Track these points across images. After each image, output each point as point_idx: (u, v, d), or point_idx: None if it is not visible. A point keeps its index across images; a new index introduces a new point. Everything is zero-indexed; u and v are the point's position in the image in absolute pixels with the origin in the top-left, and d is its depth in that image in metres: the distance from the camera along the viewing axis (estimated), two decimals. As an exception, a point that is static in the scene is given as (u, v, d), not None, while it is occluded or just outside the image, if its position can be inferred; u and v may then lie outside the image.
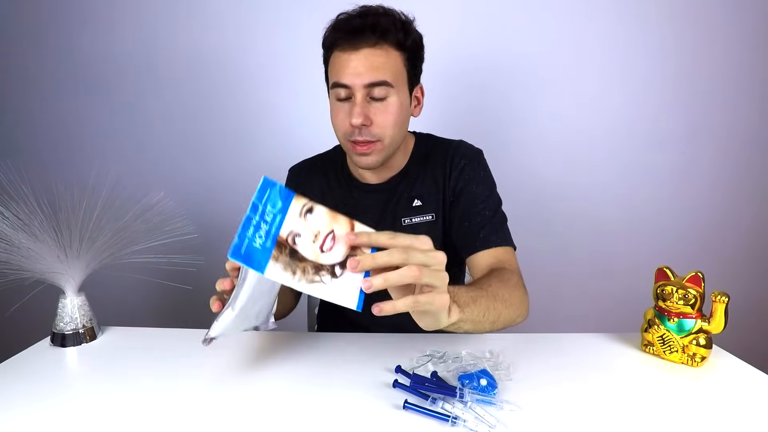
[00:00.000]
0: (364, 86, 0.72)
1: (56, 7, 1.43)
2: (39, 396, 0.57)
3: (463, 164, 0.83)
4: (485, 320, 0.61)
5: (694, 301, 0.63)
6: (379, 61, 0.72)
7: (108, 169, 0.87)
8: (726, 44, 1.43)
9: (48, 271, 0.70)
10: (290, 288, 0.46)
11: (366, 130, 0.73)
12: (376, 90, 0.72)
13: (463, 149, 0.86)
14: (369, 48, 0.72)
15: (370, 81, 0.71)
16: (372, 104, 0.74)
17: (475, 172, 0.83)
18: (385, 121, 0.74)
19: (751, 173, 1.51)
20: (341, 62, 0.73)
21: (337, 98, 0.75)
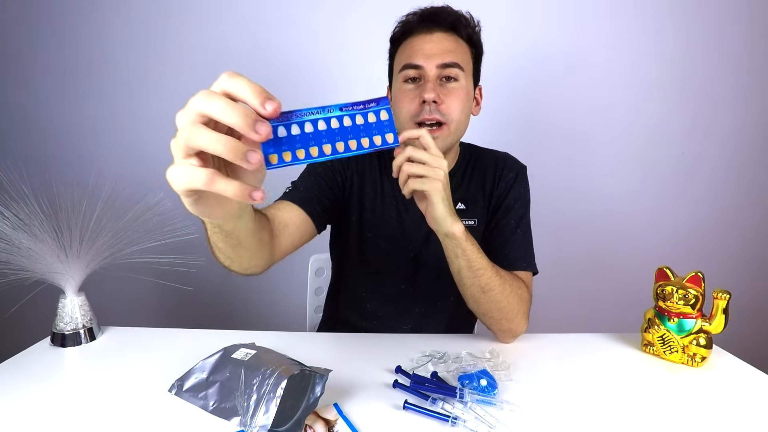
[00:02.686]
0: (437, 66, 0.72)
1: (56, 7, 1.43)
2: (39, 396, 0.56)
3: (511, 177, 0.85)
4: (479, 275, 0.65)
5: (694, 301, 0.63)
6: (452, 45, 0.74)
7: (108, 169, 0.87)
8: (726, 44, 1.43)
9: (48, 271, 0.70)
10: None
11: (435, 107, 0.72)
12: (448, 70, 0.73)
13: (512, 162, 0.88)
14: (442, 33, 0.74)
15: (443, 62, 0.72)
16: (443, 85, 0.74)
17: (520, 189, 0.85)
18: (454, 104, 0.73)
19: (751, 173, 1.51)
20: (413, 45, 0.74)
21: (405, 80, 0.75)
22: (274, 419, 0.46)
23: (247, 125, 0.31)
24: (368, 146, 0.39)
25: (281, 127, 0.35)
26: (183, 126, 0.32)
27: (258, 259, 0.63)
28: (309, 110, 0.36)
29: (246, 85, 0.32)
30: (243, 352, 0.56)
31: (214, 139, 0.31)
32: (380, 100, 0.40)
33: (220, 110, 0.31)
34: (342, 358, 0.67)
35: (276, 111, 0.32)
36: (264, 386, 0.48)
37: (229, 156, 0.31)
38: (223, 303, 1.59)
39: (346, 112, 0.38)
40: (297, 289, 1.50)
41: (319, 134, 0.37)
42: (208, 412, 0.51)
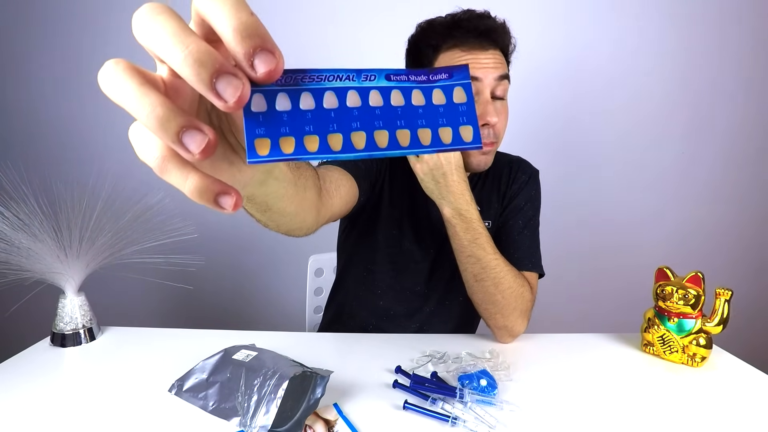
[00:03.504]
0: (495, 79, 0.71)
1: (56, 7, 1.43)
2: (39, 396, 0.56)
3: (524, 179, 0.85)
4: (470, 262, 0.68)
5: (694, 301, 0.63)
6: (501, 61, 0.73)
7: (108, 169, 0.87)
8: (727, 44, 1.43)
9: (48, 271, 0.70)
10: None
11: (489, 129, 0.72)
12: (501, 86, 0.72)
13: (525, 165, 0.88)
14: (494, 50, 0.72)
15: (499, 74, 0.71)
16: (494, 103, 0.72)
17: (531, 192, 0.85)
18: (503, 123, 0.74)
19: (751, 173, 1.51)
20: (465, 58, 0.71)
21: None
22: (274, 420, 0.46)
23: (160, 124, 0.19)
24: (430, 144, 0.23)
25: (282, 94, 0.21)
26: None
27: (300, 222, 0.53)
28: (333, 72, 0.22)
29: (224, 13, 0.18)
30: (244, 353, 0.56)
31: (131, 93, 0.19)
32: (454, 69, 0.24)
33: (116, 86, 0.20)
34: (342, 358, 0.67)
35: (273, 74, 0.19)
36: (265, 387, 0.48)
37: (153, 131, 0.19)
38: (223, 303, 1.59)
39: (397, 83, 0.23)
40: (296, 290, 1.50)
41: (346, 114, 0.22)
42: (208, 412, 0.51)
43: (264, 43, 0.18)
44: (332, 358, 0.67)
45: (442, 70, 0.24)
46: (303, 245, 1.46)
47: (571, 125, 1.49)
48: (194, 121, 0.19)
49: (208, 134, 0.19)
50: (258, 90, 0.20)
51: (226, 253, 1.54)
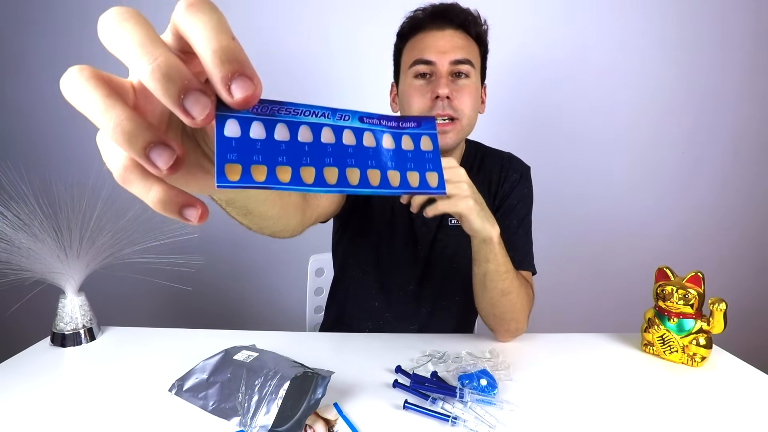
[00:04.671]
0: (450, 63, 0.72)
1: (56, 7, 1.43)
2: (39, 396, 0.56)
3: (515, 177, 0.85)
4: (503, 278, 0.65)
5: (694, 301, 0.63)
6: (463, 42, 0.74)
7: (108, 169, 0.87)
8: (727, 44, 1.43)
9: (48, 271, 0.70)
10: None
11: (448, 103, 0.72)
12: (460, 67, 0.73)
13: (517, 163, 0.88)
14: (453, 29, 0.74)
15: (456, 58, 0.72)
16: (454, 81, 0.74)
17: (524, 190, 0.85)
18: (466, 100, 0.74)
19: (751, 173, 1.51)
20: (425, 41, 0.74)
21: (415, 75, 0.75)
22: (275, 420, 0.46)
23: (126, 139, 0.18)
24: (398, 185, 0.24)
25: (257, 122, 0.21)
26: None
27: (283, 225, 0.53)
28: (309, 108, 0.22)
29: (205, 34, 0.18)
30: (245, 354, 0.56)
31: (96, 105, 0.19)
32: (422, 119, 0.26)
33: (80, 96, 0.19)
34: (342, 357, 0.67)
35: (249, 101, 0.18)
36: (266, 387, 0.48)
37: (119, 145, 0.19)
38: (223, 303, 1.59)
39: (369, 125, 0.24)
40: (297, 290, 1.50)
41: (320, 149, 0.22)
42: (208, 412, 0.51)
43: (243, 68, 0.18)
44: (332, 357, 0.67)
45: (411, 119, 0.25)
46: (303, 245, 1.46)
47: (571, 125, 1.49)
48: (162, 137, 0.18)
49: (176, 150, 0.19)
50: (233, 116, 0.20)
51: (226, 253, 1.54)
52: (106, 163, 0.21)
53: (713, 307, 0.63)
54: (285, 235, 0.57)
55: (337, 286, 0.95)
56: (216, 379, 0.54)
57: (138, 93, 0.21)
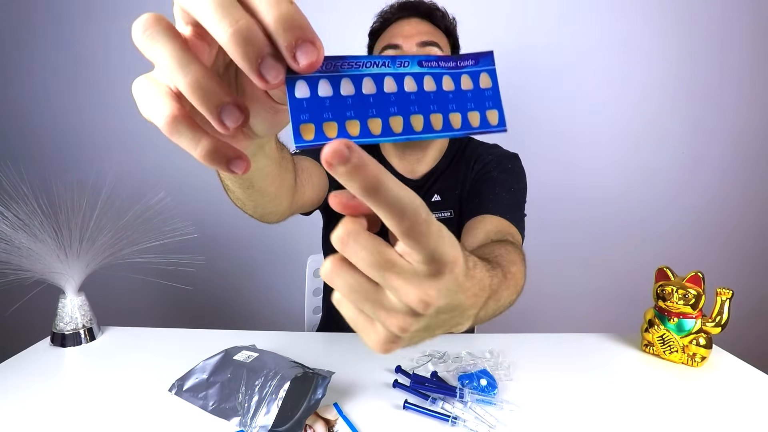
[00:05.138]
0: (417, 45, 0.73)
1: (55, 6, 1.43)
2: (39, 396, 0.56)
3: (489, 159, 0.80)
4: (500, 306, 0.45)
5: (694, 301, 0.63)
6: (430, 29, 0.75)
7: (108, 169, 0.87)
8: (727, 44, 1.43)
9: (48, 271, 0.70)
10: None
11: None
12: (428, 49, 0.73)
13: (495, 149, 0.84)
14: (420, 18, 0.75)
15: (422, 40, 0.73)
16: None
17: (502, 165, 0.79)
18: None
19: (751, 173, 1.51)
20: (392, 30, 0.76)
21: None
22: (275, 420, 0.46)
23: (203, 96, 0.19)
24: (460, 127, 0.24)
25: (324, 81, 0.21)
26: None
27: (275, 206, 0.53)
28: (370, 59, 0.22)
29: (265, 1, 0.18)
30: (245, 354, 0.56)
31: (173, 58, 0.19)
32: (480, 56, 0.25)
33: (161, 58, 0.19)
34: (342, 357, 0.67)
35: (314, 65, 0.19)
36: (266, 387, 0.48)
37: (194, 101, 0.19)
38: (223, 303, 1.59)
39: (429, 69, 0.24)
40: (297, 290, 1.50)
41: (384, 99, 0.22)
42: (208, 412, 0.51)
43: (305, 34, 0.18)
44: (332, 357, 0.67)
45: (469, 57, 0.25)
46: (302, 245, 1.46)
47: (571, 125, 1.49)
48: (237, 99, 0.19)
49: (245, 111, 0.19)
50: (301, 77, 0.21)
51: (225, 253, 1.53)
52: (147, 113, 0.21)
53: (720, 292, 0.63)
54: (273, 218, 0.56)
55: (327, 285, 0.93)
56: (216, 380, 0.54)
57: (190, 45, 0.21)
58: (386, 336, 0.23)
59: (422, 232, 0.19)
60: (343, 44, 1.41)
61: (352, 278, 0.22)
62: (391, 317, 0.22)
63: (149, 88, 0.21)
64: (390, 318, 0.22)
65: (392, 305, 0.22)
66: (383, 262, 0.21)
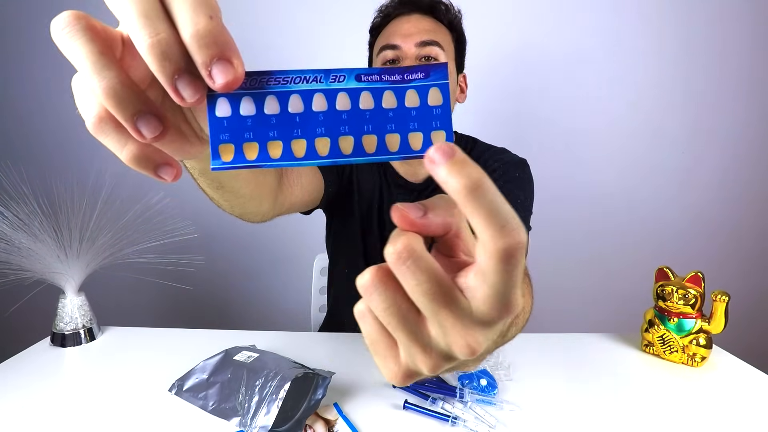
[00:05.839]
0: (416, 45, 0.71)
1: (56, 7, 1.43)
2: (39, 396, 0.56)
3: (495, 166, 0.78)
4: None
5: (694, 301, 0.63)
6: (431, 26, 0.73)
7: (108, 169, 0.87)
8: (727, 43, 1.43)
9: (48, 271, 0.70)
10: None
11: None
12: (427, 49, 0.71)
13: (504, 155, 0.82)
14: (421, 14, 0.73)
15: (422, 39, 0.71)
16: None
17: (509, 174, 0.77)
18: None
19: (751, 173, 1.51)
20: (391, 27, 0.74)
21: (383, 62, 0.74)
22: (275, 420, 0.46)
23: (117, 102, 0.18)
24: (398, 150, 0.21)
25: (247, 98, 0.20)
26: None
27: (254, 207, 0.51)
28: (300, 73, 0.21)
29: (184, 15, 0.17)
30: (245, 355, 0.56)
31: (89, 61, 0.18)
32: (432, 68, 0.22)
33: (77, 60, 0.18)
34: (342, 358, 0.67)
35: (231, 85, 0.18)
36: (267, 388, 0.48)
37: (108, 106, 0.18)
38: (223, 303, 1.59)
39: (367, 84, 0.21)
40: (297, 290, 1.50)
41: (312, 119, 0.21)
42: (208, 412, 0.51)
43: (222, 51, 0.17)
44: (332, 357, 0.67)
45: (418, 69, 0.22)
46: (302, 245, 1.46)
47: (570, 125, 1.49)
48: (153, 107, 0.18)
49: (164, 121, 0.19)
50: (223, 94, 0.20)
51: (226, 253, 1.53)
52: (79, 108, 0.20)
53: (716, 297, 0.63)
54: (255, 218, 0.54)
55: (330, 283, 0.93)
56: (216, 380, 0.54)
57: (126, 46, 0.20)
58: (408, 370, 0.21)
59: (516, 258, 0.16)
60: (343, 42, 1.42)
61: (393, 299, 0.19)
62: (426, 354, 0.19)
63: (81, 85, 0.20)
64: (424, 355, 0.19)
65: (431, 342, 0.19)
66: (441, 294, 0.18)
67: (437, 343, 0.19)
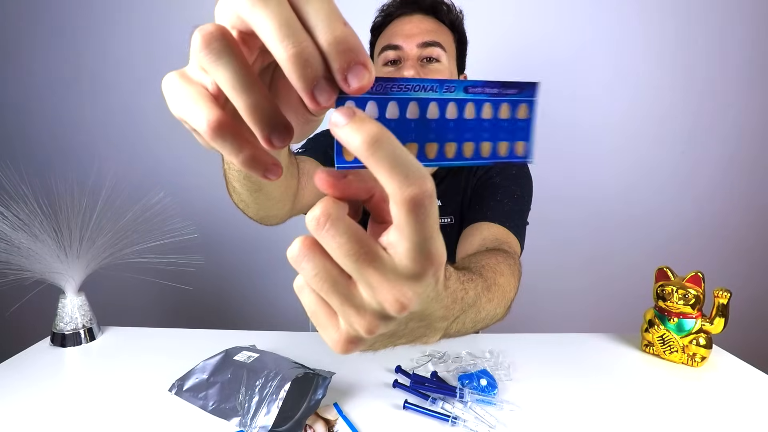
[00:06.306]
0: (417, 46, 0.71)
1: (56, 7, 1.43)
2: (39, 396, 0.56)
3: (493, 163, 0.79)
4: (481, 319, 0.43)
5: (694, 301, 0.63)
6: (432, 26, 0.73)
7: (108, 169, 0.87)
8: (728, 43, 1.43)
9: (48, 271, 0.70)
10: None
11: None
12: (429, 50, 0.71)
13: None
14: (422, 15, 0.73)
15: (423, 41, 0.70)
16: (424, 66, 0.71)
17: (506, 170, 0.77)
18: None
19: (751, 173, 1.51)
20: (393, 28, 0.73)
21: (384, 63, 0.74)
22: (275, 420, 0.46)
23: (262, 120, 0.19)
24: (489, 156, 0.24)
25: (372, 103, 0.21)
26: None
27: (279, 209, 0.52)
28: (420, 82, 0.22)
29: (321, 23, 0.18)
30: (245, 355, 0.56)
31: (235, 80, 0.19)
32: (525, 86, 0.25)
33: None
34: (342, 357, 0.67)
35: (364, 88, 0.19)
36: (267, 388, 0.48)
37: (251, 123, 0.19)
38: (223, 303, 1.59)
39: (473, 96, 0.23)
40: (297, 289, 1.50)
41: (425, 125, 0.23)
42: (208, 412, 0.51)
43: (357, 57, 0.18)
44: (332, 357, 0.67)
45: (514, 85, 0.24)
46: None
47: (570, 125, 1.49)
48: (285, 119, 0.19)
49: (291, 133, 0.20)
50: (350, 97, 0.21)
51: (226, 253, 1.53)
52: (182, 113, 0.21)
53: (718, 294, 0.63)
54: (274, 221, 0.56)
55: None
56: (216, 380, 0.54)
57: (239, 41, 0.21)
58: (348, 336, 0.22)
59: (425, 206, 0.17)
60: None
61: (322, 265, 0.20)
62: (359, 316, 0.20)
63: (184, 87, 0.21)
64: (358, 316, 0.20)
65: (363, 303, 0.20)
66: (363, 254, 0.19)
67: (369, 302, 0.20)
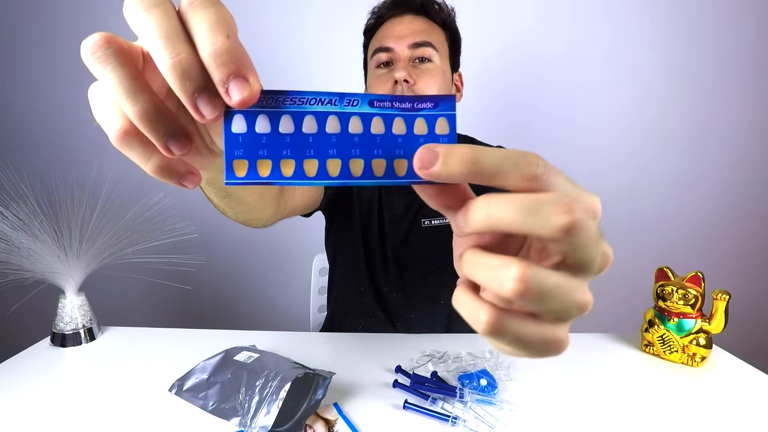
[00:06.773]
0: (409, 47, 0.70)
1: (56, 7, 1.43)
2: (39, 396, 0.56)
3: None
4: None
5: (694, 301, 0.63)
6: (423, 26, 0.73)
7: (108, 169, 0.87)
8: (728, 44, 1.43)
9: (48, 271, 0.70)
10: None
11: (408, 87, 0.68)
12: (421, 50, 0.71)
13: (473, 141, 0.83)
14: (414, 15, 0.73)
15: (414, 41, 0.70)
16: (416, 66, 0.71)
17: None
18: (429, 84, 0.70)
19: (751, 173, 1.51)
20: (384, 30, 0.73)
21: (377, 65, 0.73)
22: (275, 420, 0.46)
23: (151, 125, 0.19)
24: (404, 175, 0.22)
25: (263, 116, 0.20)
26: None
27: (258, 213, 0.52)
28: (315, 95, 0.21)
29: (202, 34, 0.18)
30: (245, 355, 0.56)
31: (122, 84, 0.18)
32: (441, 99, 0.23)
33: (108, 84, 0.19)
34: (342, 357, 0.67)
35: (246, 101, 0.19)
36: (267, 388, 0.48)
37: (142, 128, 0.19)
38: (223, 303, 1.59)
39: (380, 110, 0.22)
40: (297, 290, 1.50)
41: (325, 140, 0.21)
42: (208, 412, 0.51)
43: (239, 69, 0.18)
44: (332, 357, 0.67)
45: (428, 99, 0.23)
46: (302, 246, 1.46)
47: (570, 125, 1.49)
48: (182, 126, 0.19)
49: (192, 140, 0.20)
50: (239, 111, 0.20)
51: (226, 253, 1.53)
52: (100, 120, 0.21)
53: (717, 296, 0.63)
54: (258, 224, 0.56)
55: (331, 284, 0.94)
56: (216, 380, 0.54)
57: (146, 60, 0.21)
58: None
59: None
60: (342, 41, 1.41)
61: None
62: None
63: (99, 96, 0.21)
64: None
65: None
66: None
67: None
